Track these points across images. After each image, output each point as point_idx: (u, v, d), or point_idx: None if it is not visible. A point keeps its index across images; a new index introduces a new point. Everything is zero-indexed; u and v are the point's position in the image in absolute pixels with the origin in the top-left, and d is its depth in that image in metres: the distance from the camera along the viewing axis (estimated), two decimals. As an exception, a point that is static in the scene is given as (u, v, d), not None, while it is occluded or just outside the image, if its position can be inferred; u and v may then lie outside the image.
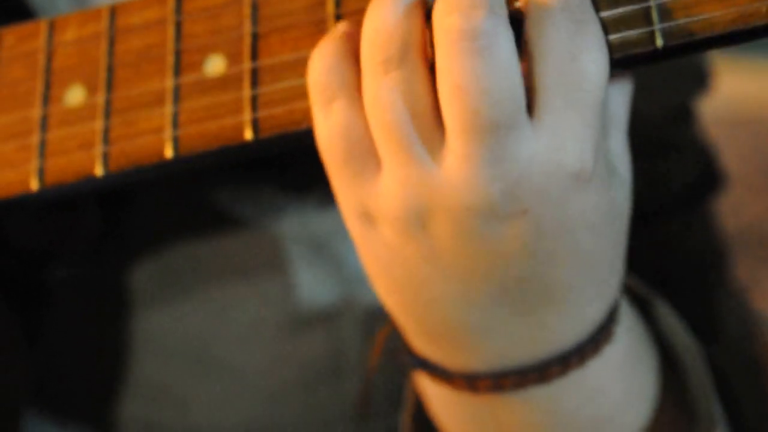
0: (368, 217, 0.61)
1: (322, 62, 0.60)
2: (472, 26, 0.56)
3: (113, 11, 0.68)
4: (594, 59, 0.57)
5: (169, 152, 0.64)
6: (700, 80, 0.87)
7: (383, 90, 0.58)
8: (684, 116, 0.86)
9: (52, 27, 0.69)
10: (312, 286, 0.82)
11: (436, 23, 0.57)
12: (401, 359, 0.67)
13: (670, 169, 0.67)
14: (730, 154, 0.98)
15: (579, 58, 0.57)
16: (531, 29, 0.58)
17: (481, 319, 0.62)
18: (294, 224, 0.82)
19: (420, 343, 0.65)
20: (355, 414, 0.84)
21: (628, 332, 0.67)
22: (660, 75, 0.74)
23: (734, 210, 0.98)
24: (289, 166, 0.80)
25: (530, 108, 0.57)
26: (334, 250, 0.82)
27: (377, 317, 0.80)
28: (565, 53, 0.57)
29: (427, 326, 0.63)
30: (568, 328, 0.63)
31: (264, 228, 0.82)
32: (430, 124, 0.58)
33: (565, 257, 0.60)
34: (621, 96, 0.64)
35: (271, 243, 0.82)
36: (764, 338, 0.82)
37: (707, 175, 0.86)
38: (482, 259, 0.60)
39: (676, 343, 0.70)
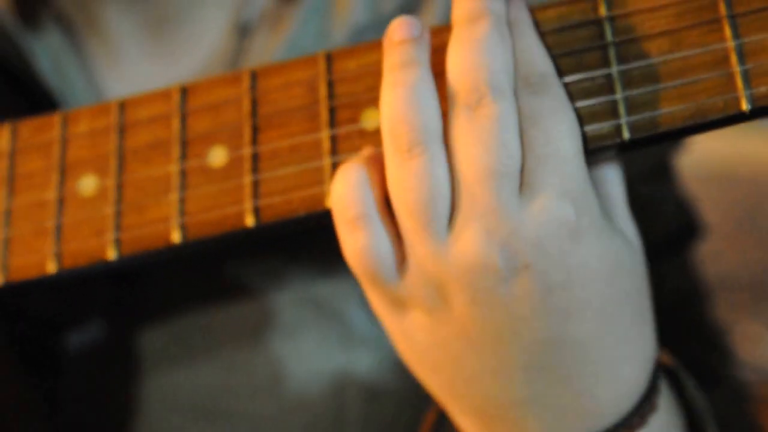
0: (399, 305, 0.63)
1: (345, 182, 0.62)
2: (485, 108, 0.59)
3: (122, 106, 0.70)
4: (557, 120, 0.60)
5: (176, 238, 0.67)
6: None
7: (407, 174, 0.60)
8: (661, 173, 0.88)
9: (65, 120, 0.71)
10: (315, 347, 0.83)
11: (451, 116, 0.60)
12: None
13: (649, 222, 0.70)
14: (709, 207, 1.00)
15: (540, 122, 0.60)
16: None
17: (521, 393, 0.63)
18: (298, 288, 0.83)
19: (471, 427, 0.66)
20: None
21: (669, 404, 0.68)
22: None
23: (712, 259, 1.01)
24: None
25: None
26: (337, 311, 0.83)
27: (379, 376, 0.83)
28: (525, 119, 0.60)
29: (473, 404, 0.65)
30: (609, 393, 0.63)
31: (269, 292, 0.83)
32: (448, 202, 0.60)
33: (580, 311, 0.61)
34: (614, 178, 0.66)
35: (276, 306, 0.83)
36: (750, 389, 0.84)
37: (686, 226, 0.88)
38: (504, 325, 0.61)
39: (703, 417, 0.71)
